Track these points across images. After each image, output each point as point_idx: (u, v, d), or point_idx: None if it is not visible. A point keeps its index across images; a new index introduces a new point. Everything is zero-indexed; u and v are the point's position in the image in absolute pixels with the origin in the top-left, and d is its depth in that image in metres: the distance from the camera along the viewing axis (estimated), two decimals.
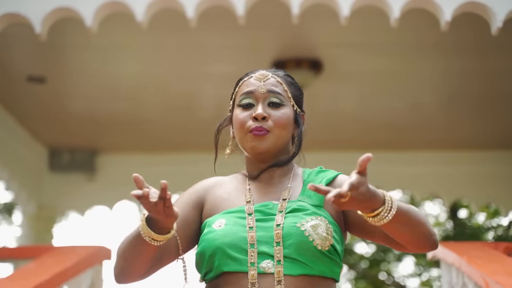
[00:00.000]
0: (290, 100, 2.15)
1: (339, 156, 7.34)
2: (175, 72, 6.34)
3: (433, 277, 13.67)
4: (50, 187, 7.79)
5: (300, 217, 2.02)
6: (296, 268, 1.98)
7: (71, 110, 7.02)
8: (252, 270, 1.98)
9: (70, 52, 6.00)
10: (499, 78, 6.35)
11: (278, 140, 2.11)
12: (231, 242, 2.01)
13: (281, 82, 2.16)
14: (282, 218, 2.03)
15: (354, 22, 4.86)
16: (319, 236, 1.99)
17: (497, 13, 4.52)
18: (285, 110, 2.13)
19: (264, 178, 2.15)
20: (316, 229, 1.99)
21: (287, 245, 1.99)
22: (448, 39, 5.61)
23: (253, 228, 2.02)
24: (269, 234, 2.01)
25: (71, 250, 4.64)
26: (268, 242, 2.00)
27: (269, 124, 2.10)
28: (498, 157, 7.69)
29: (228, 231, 2.02)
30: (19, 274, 3.96)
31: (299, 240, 1.99)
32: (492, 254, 4.16)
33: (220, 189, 2.17)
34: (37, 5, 4.62)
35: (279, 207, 2.06)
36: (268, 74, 2.17)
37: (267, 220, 2.04)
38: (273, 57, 6.00)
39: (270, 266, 1.98)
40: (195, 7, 4.63)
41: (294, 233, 1.99)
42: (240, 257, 2.00)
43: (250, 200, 2.10)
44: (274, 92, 2.13)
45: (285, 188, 2.12)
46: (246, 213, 2.06)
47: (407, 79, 6.47)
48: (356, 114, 7.13)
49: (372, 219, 1.90)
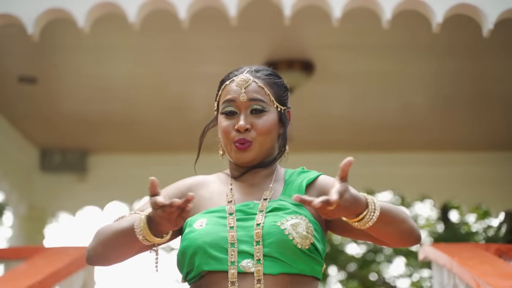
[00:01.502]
0: (273, 103, 2.14)
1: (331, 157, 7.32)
2: (167, 73, 6.34)
3: (423, 278, 13.71)
4: (41, 188, 7.77)
5: (280, 216, 2.03)
6: (276, 267, 1.99)
7: (62, 110, 7.01)
8: (232, 269, 1.99)
9: (62, 53, 6.00)
10: (491, 79, 6.38)
11: (262, 147, 2.12)
12: (212, 241, 2.01)
13: (262, 86, 2.13)
14: (263, 217, 2.03)
15: (346, 23, 4.87)
16: (299, 235, 1.99)
17: (488, 15, 4.54)
18: (267, 116, 2.12)
19: (247, 179, 2.16)
20: (296, 227, 2.00)
21: (267, 244, 1.99)
22: (440, 40, 5.62)
23: (233, 228, 2.03)
24: (249, 233, 2.02)
25: (63, 251, 4.63)
26: (248, 242, 2.01)
27: (251, 134, 2.11)
28: (490, 158, 7.71)
29: (209, 230, 2.03)
30: (11, 275, 3.95)
31: (279, 239, 1.99)
32: (484, 256, 4.18)
33: (203, 189, 2.17)
34: (30, 6, 4.61)
35: (259, 206, 2.07)
36: (249, 80, 2.14)
37: (248, 219, 2.05)
38: (265, 58, 6.01)
39: (250, 265, 1.99)
40: (187, 8, 4.63)
41: (274, 232, 2.00)
42: (220, 256, 2.00)
43: (231, 200, 2.10)
44: (255, 99, 2.12)
45: (267, 188, 2.13)
46: (227, 213, 2.06)
47: (399, 81, 6.48)
48: (348, 115, 7.15)
49: (358, 223, 1.91)
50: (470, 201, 8.21)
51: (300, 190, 2.09)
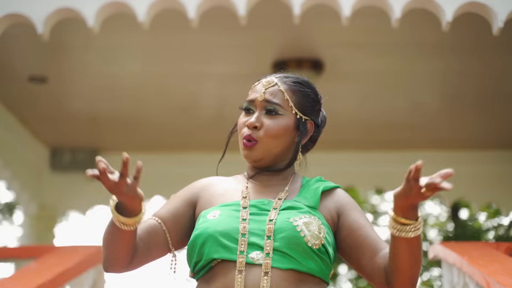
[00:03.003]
0: (291, 108, 2.15)
1: (341, 156, 7.36)
2: (176, 72, 6.35)
3: (433, 277, 13.68)
4: (51, 187, 7.80)
5: (293, 214, 2.05)
6: (285, 262, 2.00)
7: (72, 110, 7.03)
8: (240, 258, 2.00)
9: (71, 53, 6.01)
10: (500, 78, 6.36)
11: (270, 150, 2.14)
12: (223, 230, 2.03)
13: (283, 91, 2.15)
14: (276, 214, 2.06)
15: (355, 22, 4.86)
16: (311, 233, 2.02)
17: (498, 13, 4.52)
18: (279, 120, 2.14)
19: (262, 180, 2.18)
20: (308, 226, 2.03)
21: (278, 239, 2.01)
22: (449, 39, 5.61)
23: (246, 220, 2.05)
24: (261, 227, 2.04)
25: (73, 250, 4.65)
26: (259, 235, 2.03)
27: (259, 134, 2.13)
28: (499, 157, 7.69)
29: (221, 221, 2.05)
30: (21, 274, 3.97)
31: (291, 235, 2.01)
32: (494, 254, 4.17)
33: (217, 187, 2.19)
34: (39, 6, 4.62)
35: (274, 204, 2.09)
36: (273, 82, 2.17)
37: (261, 214, 2.07)
38: (274, 57, 6.01)
39: (260, 257, 2.00)
40: (196, 8, 4.63)
41: (286, 227, 2.02)
42: (230, 245, 2.02)
43: (246, 196, 2.12)
44: (270, 102, 2.14)
45: (282, 190, 2.15)
46: (241, 207, 2.09)
47: (408, 79, 6.47)
48: (357, 114, 7.14)
49: (402, 226, 1.93)
50: (480, 200, 8.19)
51: (315, 194, 2.12)
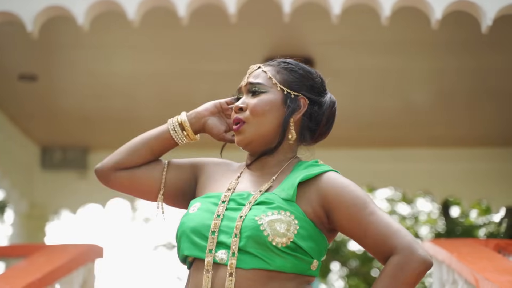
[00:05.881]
0: (276, 86, 2.13)
1: (332, 153, 7.36)
2: (167, 70, 6.35)
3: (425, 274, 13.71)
4: (42, 185, 7.78)
5: (262, 211, 1.99)
6: (250, 261, 1.97)
7: (63, 108, 7.02)
8: (209, 257, 1.99)
9: (61, 50, 6.01)
10: (490, 75, 6.37)
11: (258, 129, 2.11)
12: (195, 227, 2.03)
13: (265, 71, 2.15)
14: (247, 210, 2.01)
15: (345, 20, 4.87)
16: (275, 232, 1.96)
17: (487, 12, 4.54)
18: (263, 97, 2.11)
19: (256, 168, 2.14)
20: (273, 224, 1.96)
21: (243, 238, 1.97)
22: (439, 37, 5.63)
23: (220, 216, 2.02)
24: (231, 224, 2.00)
25: (63, 248, 4.64)
26: (228, 232, 2.00)
27: (245, 114, 2.12)
28: (490, 154, 7.72)
29: (196, 216, 2.04)
30: (11, 273, 3.96)
31: (254, 234, 1.97)
32: (482, 251, 4.19)
33: (219, 171, 2.19)
34: (29, 4, 4.62)
35: (251, 198, 2.04)
36: (256, 67, 2.19)
37: (236, 210, 2.03)
38: (265, 55, 6.01)
39: (224, 257, 1.98)
40: (186, 6, 4.63)
41: (250, 226, 1.98)
42: (200, 243, 2.01)
43: (231, 188, 2.10)
44: (252, 83, 2.14)
45: (270, 179, 2.10)
46: (221, 200, 2.06)
47: (399, 77, 6.49)
48: (348, 111, 7.14)
49: None
50: (471, 197, 8.21)
51: (292, 186, 2.04)
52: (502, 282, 3.29)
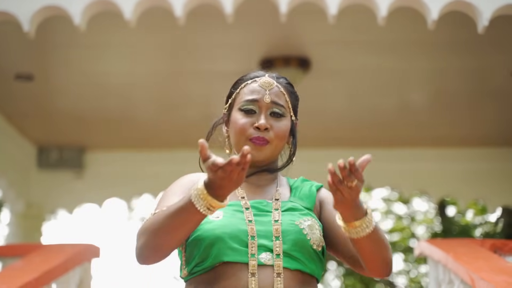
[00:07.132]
0: (289, 110, 2.22)
1: (328, 153, 7.37)
2: (163, 70, 6.35)
3: (421, 274, 13.73)
4: (39, 185, 7.77)
5: (297, 216, 2.09)
6: (293, 263, 2.04)
7: (59, 107, 7.02)
8: (252, 261, 2.02)
9: (58, 50, 6.00)
10: (487, 75, 6.39)
11: (275, 151, 2.18)
12: (232, 233, 2.03)
13: (284, 93, 2.22)
14: (279, 215, 2.09)
15: (342, 20, 4.88)
16: (315, 236, 2.07)
17: (483, 12, 4.56)
18: (285, 122, 2.19)
19: (253, 180, 2.19)
20: (312, 229, 2.07)
21: (287, 240, 2.04)
22: (435, 37, 5.63)
23: (252, 222, 2.06)
24: (267, 228, 2.06)
25: (60, 248, 4.64)
26: (267, 236, 2.04)
27: (270, 135, 2.16)
28: (486, 154, 7.73)
29: (227, 222, 2.05)
30: (7, 273, 3.96)
31: (298, 238, 2.05)
32: (478, 251, 4.19)
33: None
34: (25, 3, 4.62)
35: (273, 205, 2.12)
36: (273, 83, 2.21)
37: (264, 215, 2.09)
38: (262, 55, 6.02)
39: (269, 258, 2.02)
40: (183, 6, 4.64)
41: (292, 230, 2.06)
42: (240, 248, 2.03)
43: (244, 196, 2.13)
44: (277, 104, 2.18)
45: (272, 191, 2.18)
46: (243, 207, 2.09)
47: (395, 77, 6.49)
48: (345, 111, 7.16)
49: (353, 229, 1.96)
50: (468, 197, 8.22)
51: (311, 195, 2.18)
52: (498, 282, 3.30)
